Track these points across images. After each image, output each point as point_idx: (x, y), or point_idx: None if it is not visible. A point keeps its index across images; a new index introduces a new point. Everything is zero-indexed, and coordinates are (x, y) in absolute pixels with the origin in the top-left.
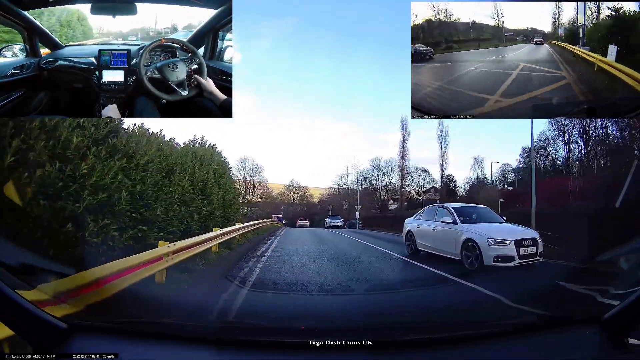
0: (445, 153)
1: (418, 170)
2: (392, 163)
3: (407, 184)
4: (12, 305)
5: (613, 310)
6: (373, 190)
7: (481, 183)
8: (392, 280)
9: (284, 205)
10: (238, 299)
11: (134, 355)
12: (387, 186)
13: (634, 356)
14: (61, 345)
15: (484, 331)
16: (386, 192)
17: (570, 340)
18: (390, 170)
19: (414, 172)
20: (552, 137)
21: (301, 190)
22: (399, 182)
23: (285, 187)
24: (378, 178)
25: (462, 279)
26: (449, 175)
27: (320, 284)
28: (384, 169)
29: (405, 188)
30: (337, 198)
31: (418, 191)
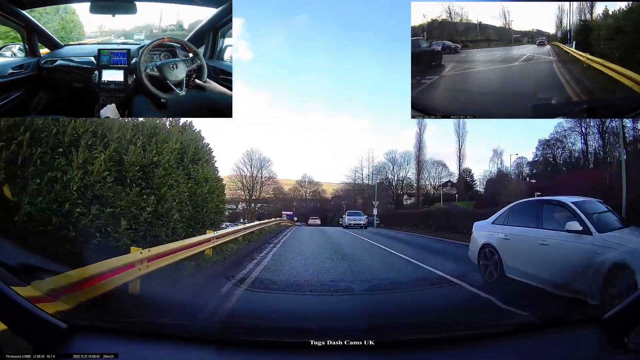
0: (462, 146)
1: (435, 164)
2: (409, 156)
3: (423, 178)
4: (12, 305)
5: (613, 310)
6: (388, 184)
7: (503, 176)
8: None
9: (296, 201)
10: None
11: (134, 355)
12: (402, 180)
13: (634, 356)
14: (61, 345)
15: (484, 331)
16: (401, 187)
17: (570, 340)
18: (406, 164)
19: (431, 166)
20: (570, 129)
21: (314, 186)
22: (416, 176)
23: (297, 182)
24: (394, 172)
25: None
26: (466, 169)
27: None
28: (400, 162)
29: (421, 182)
30: (351, 193)
31: (434, 185)
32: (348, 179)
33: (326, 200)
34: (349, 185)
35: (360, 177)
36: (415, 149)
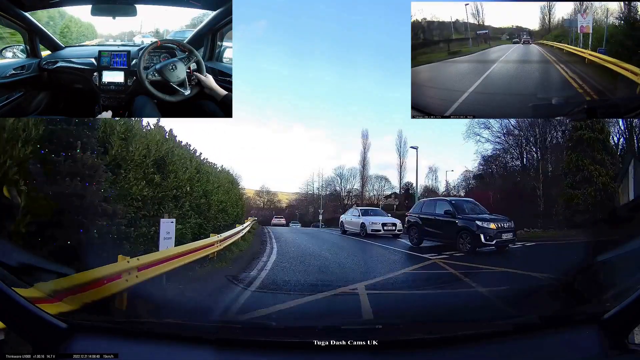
0: (403, 161)
1: (378, 178)
2: (354, 171)
3: (368, 190)
4: (12, 305)
5: (613, 310)
6: (337, 195)
7: (430, 191)
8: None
9: (253, 209)
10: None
11: (134, 355)
12: (349, 192)
13: (634, 356)
14: (61, 345)
15: (484, 331)
16: (349, 198)
17: (570, 340)
18: (352, 178)
19: (375, 180)
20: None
21: (270, 196)
22: (361, 189)
23: (255, 192)
24: (341, 185)
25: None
26: (407, 182)
27: None
28: (347, 177)
29: (366, 194)
30: (304, 203)
31: (378, 197)
32: (301, 190)
33: (281, 209)
34: (302, 196)
35: (312, 189)
36: (360, 165)
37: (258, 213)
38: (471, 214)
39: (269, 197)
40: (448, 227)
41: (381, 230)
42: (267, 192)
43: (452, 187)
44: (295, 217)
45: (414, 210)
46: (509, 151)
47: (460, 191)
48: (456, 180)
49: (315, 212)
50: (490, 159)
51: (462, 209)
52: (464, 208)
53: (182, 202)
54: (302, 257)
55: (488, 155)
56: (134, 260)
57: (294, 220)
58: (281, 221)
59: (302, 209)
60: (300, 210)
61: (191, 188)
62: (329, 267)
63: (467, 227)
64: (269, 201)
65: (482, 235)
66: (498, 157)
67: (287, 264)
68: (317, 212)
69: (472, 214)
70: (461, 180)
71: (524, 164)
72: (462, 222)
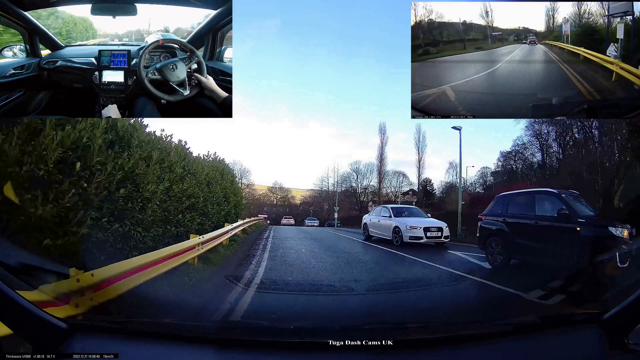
0: (422, 157)
1: (396, 174)
2: (371, 167)
3: (385, 186)
4: (12, 305)
5: (613, 310)
6: (352, 192)
7: (452, 187)
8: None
9: (266, 206)
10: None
11: (134, 355)
12: (366, 188)
13: (634, 356)
14: (61, 345)
15: (484, 331)
16: (365, 194)
17: (570, 340)
18: (369, 174)
19: (392, 175)
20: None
21: (284, 192)
22: (378, 185)
23: (268, 188)
24: (357, 181)
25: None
26: (426, 179)
27: None
28: (363, 172)
29: (383, 191)
30: (318, 200)
31: (396, 193)
32: (315, 187)
33: (295, 205)
34: (316, 192)
35: (327, 185)
36: (377, 161)
37: (270, 210)
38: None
39: (282, 193)
40: (563, 238)
41: (423, 238)
42: (280, 188)
43: (469, 184)
44: (309, 214)
45: (492, 211)
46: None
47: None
48: (473, 177)
49: (330, 210)
50: (509, 155)
51: (578, 209)
52: (579, 208)
53: None
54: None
55: (506, 152)
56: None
57: (311, 218)
58: (290, 221)
59: (316, 205)
60: (314, 207)
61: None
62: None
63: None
64: (282, 198)
65: None
66: (518, 152)
67: None
68: (331, 210)
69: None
70: (478, 177)
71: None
72: (588, 230)
